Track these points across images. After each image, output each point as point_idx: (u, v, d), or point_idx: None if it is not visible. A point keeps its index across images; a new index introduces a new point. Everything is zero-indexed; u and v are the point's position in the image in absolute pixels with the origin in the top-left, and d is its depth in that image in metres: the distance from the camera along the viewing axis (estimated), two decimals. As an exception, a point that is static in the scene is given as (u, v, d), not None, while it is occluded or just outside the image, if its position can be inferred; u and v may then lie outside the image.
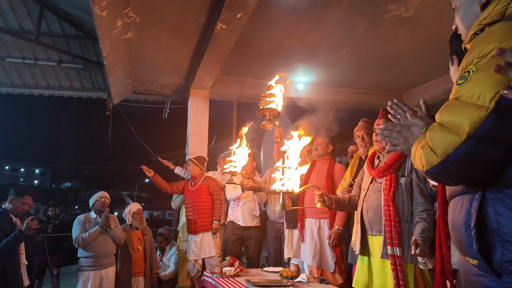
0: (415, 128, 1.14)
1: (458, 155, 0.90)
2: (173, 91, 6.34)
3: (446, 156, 0.92)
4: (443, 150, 0.93)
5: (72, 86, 6.55)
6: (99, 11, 3.48)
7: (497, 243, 0.92)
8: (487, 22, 1.03)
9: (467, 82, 0.94)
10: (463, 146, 0.89)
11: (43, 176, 48.42)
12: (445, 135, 0.93)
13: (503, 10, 1.00)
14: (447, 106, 0.99)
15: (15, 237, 3.32)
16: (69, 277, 6.94)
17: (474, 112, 0.89)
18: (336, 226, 3.37)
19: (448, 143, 0.92)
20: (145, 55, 5.01)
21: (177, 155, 12.55)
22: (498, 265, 0.92)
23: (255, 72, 5.87)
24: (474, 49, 0.99)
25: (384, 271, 2.41)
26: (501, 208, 0.91)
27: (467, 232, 0.98)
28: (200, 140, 5.95)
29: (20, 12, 5.27)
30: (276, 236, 4.66)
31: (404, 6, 3.88)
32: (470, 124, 0.88)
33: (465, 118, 0.90)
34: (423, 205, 2.35)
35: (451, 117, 0.94)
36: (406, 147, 1.15)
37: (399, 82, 6.30)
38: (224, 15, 3.68)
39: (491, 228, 0.93)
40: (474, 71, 0.93)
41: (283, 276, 3.06)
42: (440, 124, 0.97)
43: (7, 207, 3.56)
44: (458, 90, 0.97)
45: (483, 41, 0.97)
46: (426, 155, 0.97)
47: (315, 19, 4.13)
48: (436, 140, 0.95)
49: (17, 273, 3.44)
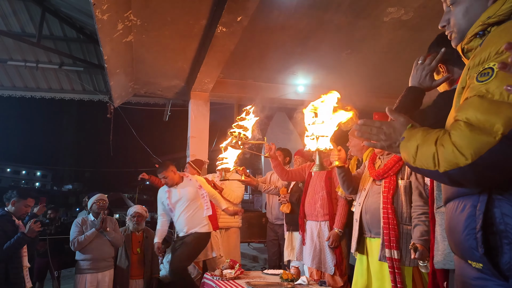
0: (397, 124, 1.09)
1: (491, 156, 0.85)
2: (174, 93, 6.37)
3: (478, 158, 0.86)
4: (474, 151, 0.86)
5: (73, 88, 6.58)
6: (100, 14, 3.50)
7: (505, 245, 0.89)
8: (491, 22, 1.00)
9: (492, 78, 0.89)
10: (498, 146, 0.84)
11: (44, 178, 48.47)
12: (475, 135, 0.87)
13: (510, 9, 0.96)
14: (472, 104, 0.92)
15: (18, 239, 3.32)
16: (70, 279, 6.93)
17: (509, 110, 0.84)
18: (335, 228, 3.35)
19: (481, 144, 0.86)
20: (146, 58, 5.03)
21: (178, 158, 12.57)
22: (506, 268, 0.89)
23: (255, 74, 5.90)
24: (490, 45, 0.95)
25: (382, 273, 2.41)
26: (508, 209, 0.89)
27: (470, 235, 0.95)
28: (201, 143, 5.97)
29: (22, 15, 5.31)
30: (275, 239, 4.65)
31: (403, 9, 3.90)
32: (505, 123, 0.83)
33: (499, 117, 0.84)
34: (422, 208, 2.34)
35: (481, 116, 0.88)
36: (387, 144, 1.10)
37: (399, 84, 6.28)
38: (225, 18, 3.70)
39: (498, 230, 0.90)
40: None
41: (283, 279, 3.06)
42: (467, 123, 0.90)
43: (10, 209, 3.55)
44: (483, 87, 0.91)
45: (499, 37, 0.93)
46: (449, 155, 0.91)
47: (315, 22, 4.15)
48: (465, 140, 0.88)
49: (19, 275, 3.44)
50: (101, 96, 6.52)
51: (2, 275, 3.26)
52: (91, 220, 4.19)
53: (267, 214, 4.74)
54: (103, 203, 4.25)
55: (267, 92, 6.32)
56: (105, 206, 4.28)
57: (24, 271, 3.54)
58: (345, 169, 2.63)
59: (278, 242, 4.62)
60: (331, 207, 3.49)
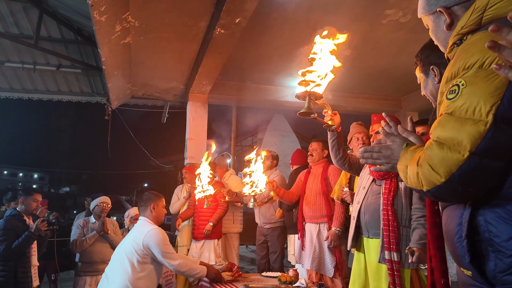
0: (394, 145, 1.14)
1: (463, 173, 0.88)
2: (172, 95, 6.36)
3: (450, 175, 0.89)
4: (446, 169, 0.89)
5: (71, 90, 6.56)
6: (98, 16, 3.49)
7: (490, 253, 0.90)
8: (464, 31, 1.04)
9: (458, 96, 0.93)
10: (467, 164, 0.87)
11: (42, 180, 48.25)
12: (445, 153, 0.90)
13: (478, 19, 1.00)
14: (441, 123, 0.96)
15: (25, 238, 3.48)
16: (67, 282, 6.89)
17: (473, 127, 0.87)
18: (333, 227, 3.30)
19: (451, 162, 0.89)
20: (144, 60, 5.02)
21: (176, 160, 12.54)
22: (491, 276, 0.91)
23: (253, 76, 5.89)
24: (458, 60, 0.98)
25: (378, 274, 2.41)
26: (492, 218, 0.91)
27: (459, 243, 0.97)
28: (199, 145, 5.95)
29: (20, 16, 5.29)
30: (263, 243, 4.64)
31: (401, 11, 3.91)
32: (470, 140, 0.86)
33: (465, 135, 0.88)
34: (422, 211, 2.32)
35: (449, 134, 0.91)
36: (390, 166, 1.15)
37: (397, 86, 6.32)
38: (223, 20, 3.70)
39: (484, 238, 0.92)
40: (464, 84, 0.92)
41: (282, 281, 3.05)
42: (438, 142, 0.93)
43: (20, 208, 3.71)
44: (450, 105, 0.95)
45: (466, 52, 0.97)
46: (426, 175, 0.94)
47: (313, 24, 4.15)
48: (436, 159, 0.92)
49: (27, 274, 3.58)
50: (99, 98, 6.50)
51: (11, 273, 3.44)
52: (92, 223, 4.17)
53: (256, 219, 4.74)
54: (106, 206, 4.23)
55: (265, 94, 6.32)
56: (107, 209, 4.25)
57: (32, 270, 3.69)
58: (337, 134, 2.54)
59: (267, 245, 4.61)
60: (329, 208, 3.49)
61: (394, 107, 6.96)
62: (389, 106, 6.91)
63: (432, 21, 1.21)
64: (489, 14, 0.97)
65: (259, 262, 4.68)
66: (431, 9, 1.18)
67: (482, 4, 0.99)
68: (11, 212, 3.68)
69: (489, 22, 0.97)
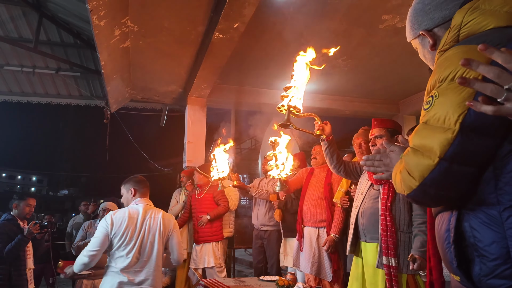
0: (393, 154, 1.19)
1: (434, 177, 0.95)
2: (170, 99, 6.37)
3: (423, 179, 0.97)
4: (419, 174, 0.97)
5: (70, 94, 6.58)
6: (97, 20, 3.51)
7: (476, 257, 0.94)
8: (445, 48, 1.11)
9: (432, 107, 1.00)
10: (437, 168, 0.94)
11: (40, 183, 48.10)
12: (419, 159, 0.98)
13: (455, 36, 1.07)
14: (417, 131, 1.04)
15: (18, 241, 3.53)
16: (65, 285, 6.88)
17: (442, 135, 0.94)
18: (332, 233, 3.33)
19: (423, 167, 0.96)
20: (143, 64, 5.04)
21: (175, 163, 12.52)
22: (477, 280, 0.94)
23: (252, 80, 5.92)
24: (435, 74, 1.05)
25: (375, 278, 2.42)
26: (476, 223, 0.95)
27: (448, 249, 1.01)
28: (198, 148, 5.97)
29: (19, 20, 5.31)
30: (260, 246, 4.60)
31: (398, 16, 3.94)
32: (440, 147, 0.94)
33: (435, 142, 0.95)
34: (422, 217, 2.32)
35: (422, 141, 1.00)
36: (389, 174, 1.20)
37: (395, 90, 6.35)
38: (221, 25, 3.72)
39: (469, 243, 0.96)
40: (437, 95, 1.00)
41: (279, 285, 3.06)
42: (413, 149, 1.02)
43: (14, 213, 3.76)
44: (425, 115, 1.03)
45: (440, 66, 1.04)
46: (405, 180, 1.02)
47: (311, 29, 4.18)
48: (411, 164, 1.00)
49: (22, 277, 3.62)
50: (98, 101, 6.51)
51: (6, 276, 3.49)
52: (96, 226, 4.17)
53: (253, 221, 4.72)
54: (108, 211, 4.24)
55: (263, 98, 6.34)
56: None
57: (28, 273, 3.72)
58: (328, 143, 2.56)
59: (263, 249, 4.59)
60: (329, 214, 3.49)
61: (392, 111, 6.98)
62: (387, 109, 6.94)
63: (419, 43, 1.31)
64: (464, 31, 1.05)
65: (256, 266, 4.66)
66: (416, 33, 1.28)
67: (457, 23, 1.07)
68: (6, 216, 3.75)
69: (465, 37, 1.04)
